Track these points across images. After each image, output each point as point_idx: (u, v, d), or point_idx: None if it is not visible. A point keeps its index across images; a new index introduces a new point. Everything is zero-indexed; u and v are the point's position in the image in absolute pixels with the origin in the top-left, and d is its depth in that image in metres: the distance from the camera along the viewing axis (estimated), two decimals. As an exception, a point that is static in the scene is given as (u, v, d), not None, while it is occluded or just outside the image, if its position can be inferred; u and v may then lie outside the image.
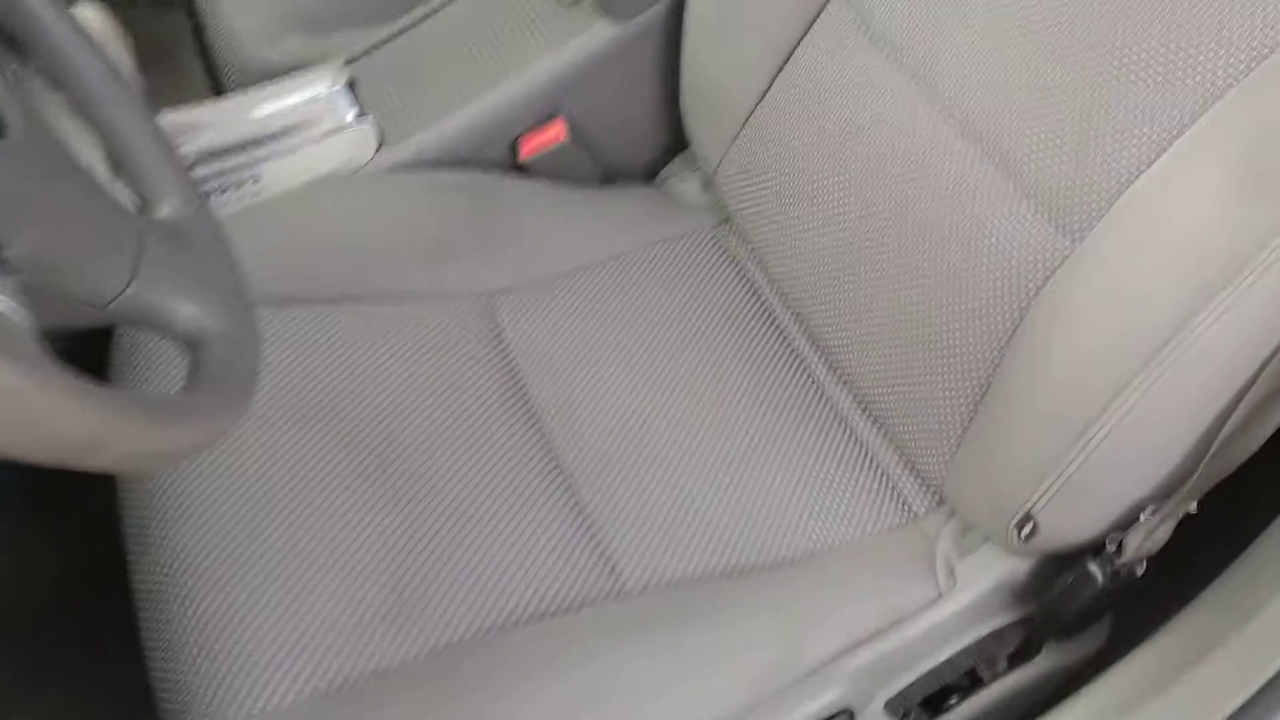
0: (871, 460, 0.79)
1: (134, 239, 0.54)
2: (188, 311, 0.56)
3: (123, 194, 0.61)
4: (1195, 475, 0.61)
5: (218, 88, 1.19)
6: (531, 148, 0.94)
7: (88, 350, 0.81)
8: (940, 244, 0.72)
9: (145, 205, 0.60)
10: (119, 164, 0.61)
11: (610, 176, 0.99)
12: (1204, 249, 0.58)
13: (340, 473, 0.74)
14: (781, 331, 0.87)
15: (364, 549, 0.71)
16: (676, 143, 0.99)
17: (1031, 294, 0.66)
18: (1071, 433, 0.62)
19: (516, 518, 0.74)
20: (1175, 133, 0.60)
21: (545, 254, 0.90)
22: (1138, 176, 0.61)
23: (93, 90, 0.61)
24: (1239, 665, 0.64)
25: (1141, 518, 0.64)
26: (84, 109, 0.60)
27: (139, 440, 0.44)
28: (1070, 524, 0.66)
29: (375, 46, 1.01)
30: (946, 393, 0.72)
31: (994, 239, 0.68)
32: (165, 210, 0.60)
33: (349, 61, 1.01)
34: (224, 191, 0.92)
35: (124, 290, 0.53)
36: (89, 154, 0.82)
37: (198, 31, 1.25)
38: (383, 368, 0.80)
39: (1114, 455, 0.61)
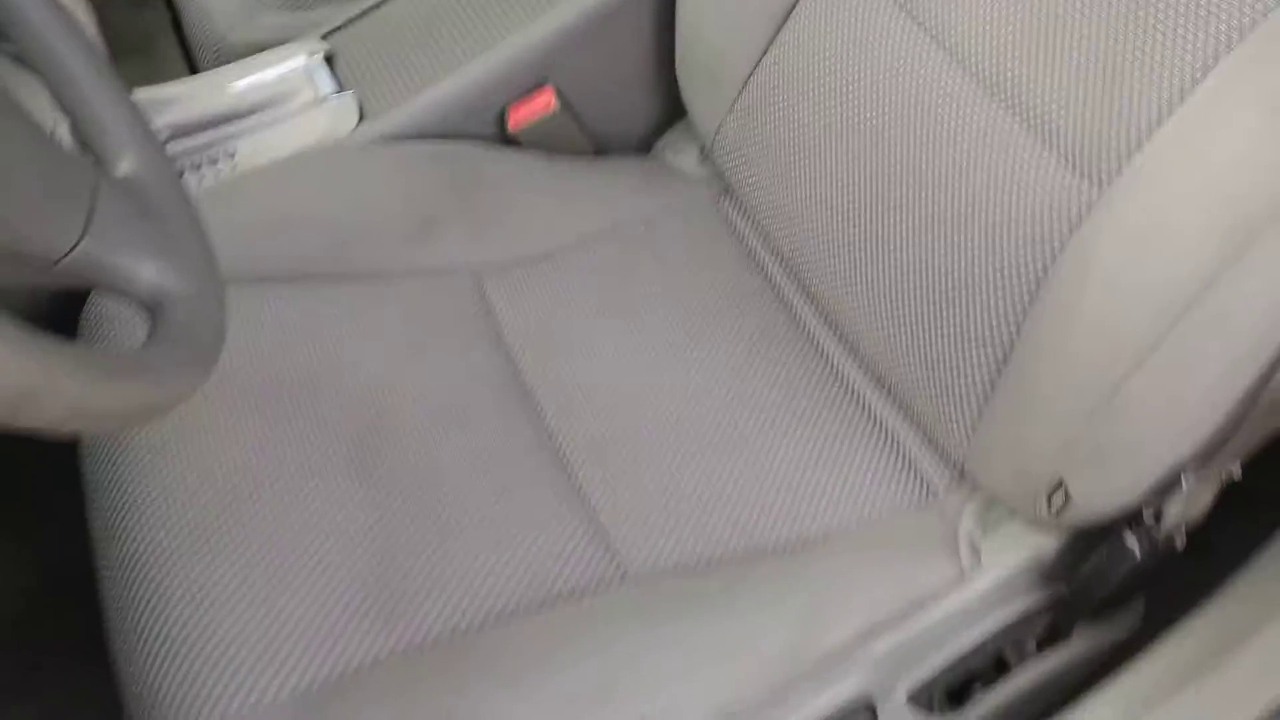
0: (887, 435, 0.75)
1: (86, 191, 0.50)
2: (146, 271, 0.51)
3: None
4: (1240, 432, 0.57)
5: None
6: (520, 118, 0.89)
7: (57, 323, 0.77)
8: (957, 199, 0.67)
9: (102, 161, 0.56)
10: (74, 118, 0.57)
11: (603, 147, 0.95)
12: (1239, 192, 0.54)
13: (321, 458, 0.69)
14: (787, 303, 0.82)
15: (348, 538, 0.66)
16: (672, 111, 0.94)
17: (1058, 246, 0.62)
18: (1104, 390, 0.57)
19: (509, 502, 0.69)
20: (1204, 70, 0.56)
21: (536, 227, 0.85)
22: (1166, 118, 0.57)
23: (43, 38, 0.56)
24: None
25: (1182, 481, 0.59)
26: (34, 59, 0.56)
27: (84, 395, 0.39)
28: (1105, 491, 0.61)
29: (354, 19, 0.96)
30: (967, 357, 0.68)
31: (1015, 191, 0.64)
32: (124, 166, 0.56)
33: (327, 35, 0.97)
34: (198, 168, 0.87)
35: (74, 247, 0.48)
36: (49, 117, 0.77)
37: (176, 23, 1.21)
38: (366, 348, 0.75)
39: (1151, 413, 0.56)
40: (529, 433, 0.73)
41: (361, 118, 0.89)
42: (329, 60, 0.93)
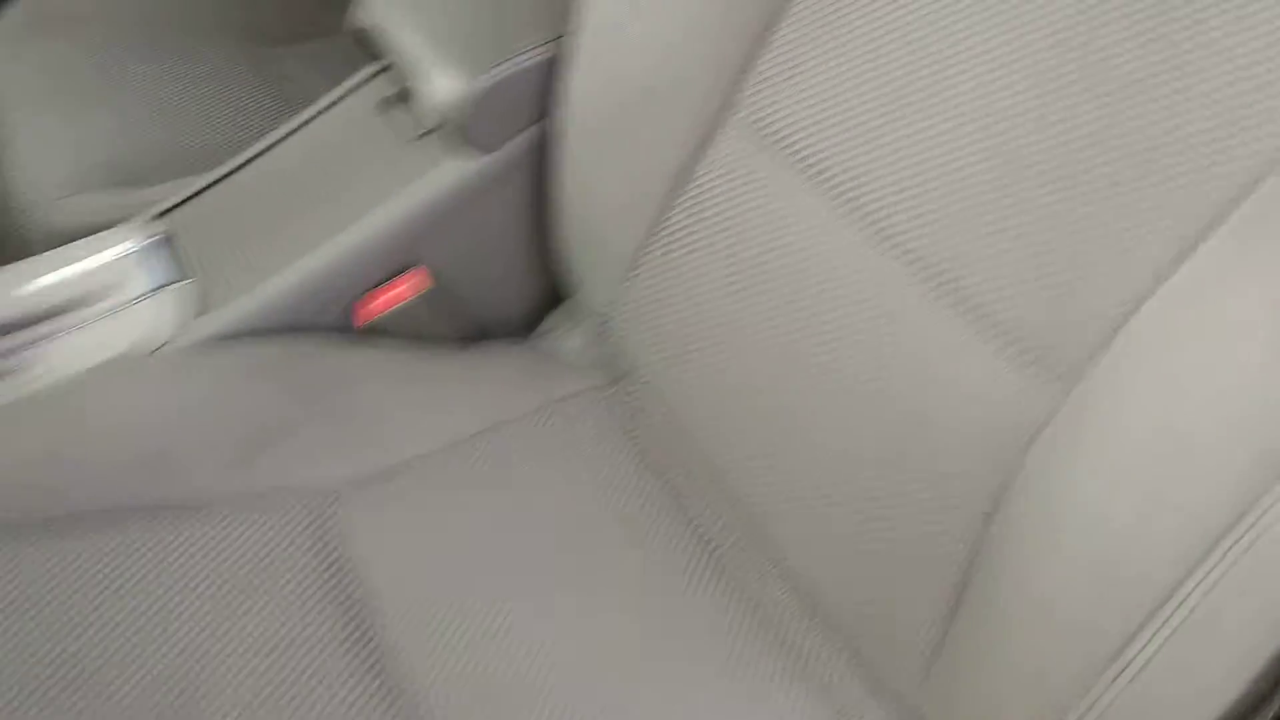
0: (823, 678, 0.62)
1: None
2: None
3: None
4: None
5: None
6: (381, 306, 0.78)
7: None
8: (887, 400, 0.57)
9: None
10: None
11: (479, 334, 0.83)
12: (1263, 397, 0.43)
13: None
14: (696, 514, 0.70)
15: None
16: (557, 289, 0.84)
17: (1013, 458, 0.52)
18: (1100, 654, 0.46)
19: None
20: (1199, 236, 0.46)
21: (399, 434, 0.73)
22: (1148, 298, 0.47)
23: None
24: None
25: None
26: None
27: None
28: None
29: (194, 196, 0.84)
30: (911, 584, 0.57)
31: (956, 389, 0.54)
32: None
33: (161, 214, 0.85)
34: (-12, 383, 0.73)
35: None
36: None
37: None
38: (176, 610, 0.60)
39: (1165, 682, 0.45)
40: (387, 713, 0.58)
41: (197, 312, 0.76)
42: (161, 245, 0.81)
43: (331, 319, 0.78)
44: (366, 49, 0.85)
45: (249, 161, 0.85)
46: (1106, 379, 0.47)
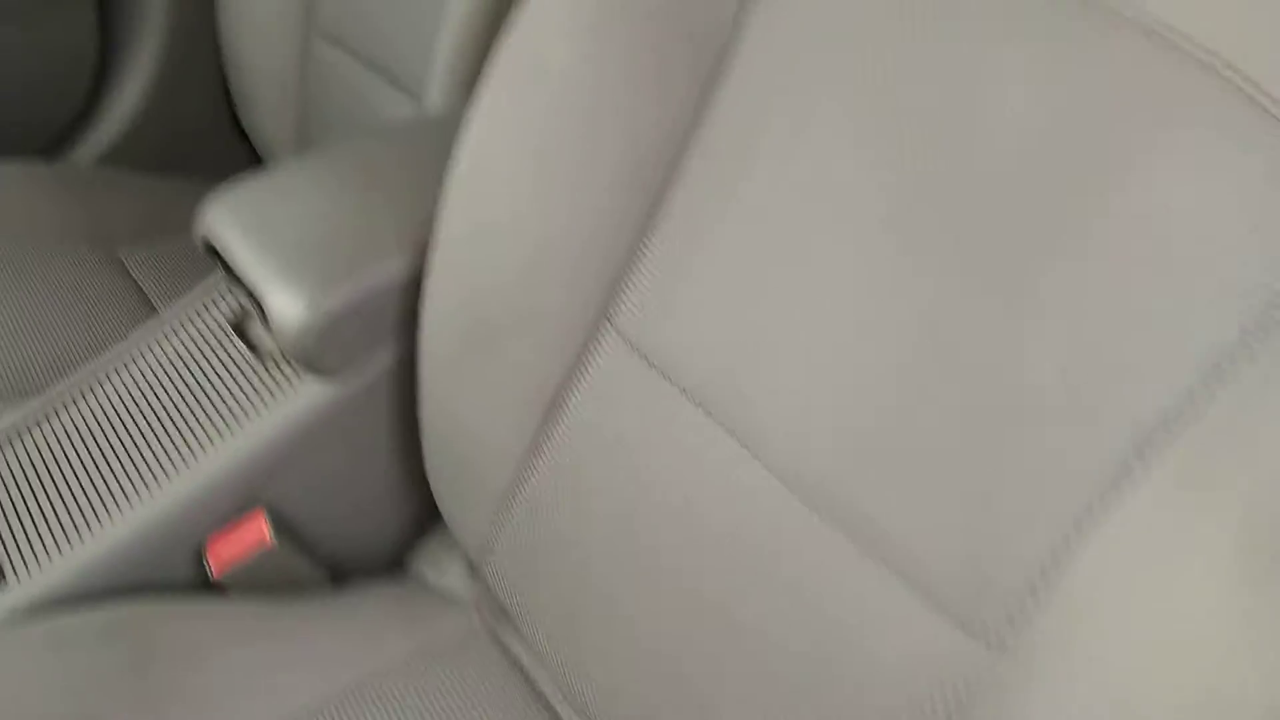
0: None
1: None
2: None
3: None
4: None
5: None
6: (224, 558, 0.69)
7: None
8: (794, 661, 0.51)
9: None
10: None
11: (342, 574, 0.75)
12: (1222, 654, 0.38)
13: None
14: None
15: None
16: (426, 517, 0.76)
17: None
18: None
19: None
20: (1123, 473, 0.41)
21: (249, 703, 0.63)
22: (1077, 550, 0.42)
23: None
24: None
25: None
26: None
27: None
28: None
29: (6, 437, 0.75)
30: None
31: (877, 646, 0.48)
32: None
33: (-31, 460, 0.75)
34: None
35: None
36: None
37: None
38: None
39: None
40: None
41: (7, 579, 0.66)
42: (-36, 500, 0.71)
43: (168, 575, 0.69)
44: (215, 257, 0.78)
45: (74, 398, 0.76)
46: (1043, 647, 0.42)
